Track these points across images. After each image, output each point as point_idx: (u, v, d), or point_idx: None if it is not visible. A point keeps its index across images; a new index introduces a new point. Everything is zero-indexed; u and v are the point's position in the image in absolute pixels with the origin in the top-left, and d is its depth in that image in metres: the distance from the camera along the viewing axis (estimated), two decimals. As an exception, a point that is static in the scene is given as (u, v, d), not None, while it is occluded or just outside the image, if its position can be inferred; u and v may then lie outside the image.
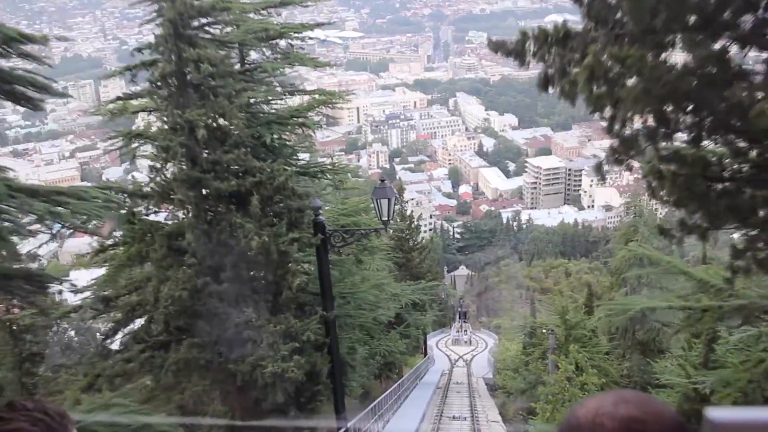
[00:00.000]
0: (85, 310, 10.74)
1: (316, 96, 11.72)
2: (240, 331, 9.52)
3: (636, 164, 4.89)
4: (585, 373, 12.75)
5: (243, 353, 9.55)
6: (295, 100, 12.41)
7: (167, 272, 9.75)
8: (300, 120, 11.17)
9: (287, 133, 11.27)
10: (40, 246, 7.25)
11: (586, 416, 0.99)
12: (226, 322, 9.52)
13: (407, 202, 36.33)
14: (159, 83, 9.77)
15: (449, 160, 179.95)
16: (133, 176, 18.85)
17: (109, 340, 10.96)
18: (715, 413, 0.82)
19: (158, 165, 9.86)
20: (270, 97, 11.31)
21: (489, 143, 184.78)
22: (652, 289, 15.11)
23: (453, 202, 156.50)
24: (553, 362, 13.49)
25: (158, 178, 9.92)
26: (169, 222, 10.43)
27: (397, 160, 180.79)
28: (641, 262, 15.01)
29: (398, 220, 30.76)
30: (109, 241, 10.65)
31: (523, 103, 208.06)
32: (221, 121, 9.63)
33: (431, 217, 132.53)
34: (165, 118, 9.75)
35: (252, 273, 10.08)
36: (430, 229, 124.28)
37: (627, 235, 15.92)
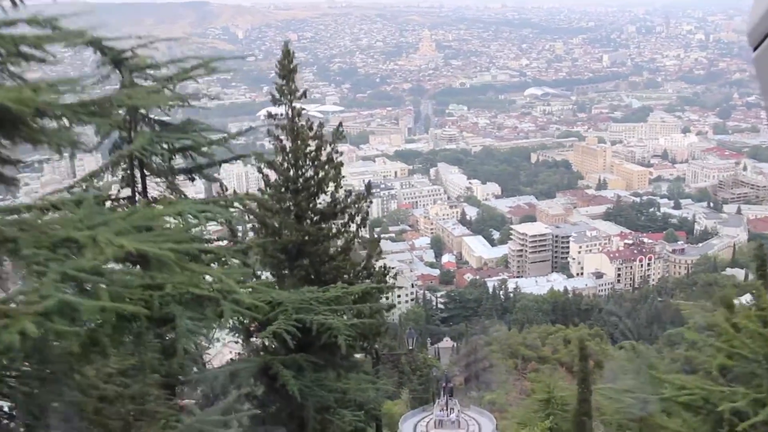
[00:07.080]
0: None
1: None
2: None
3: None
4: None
5: None
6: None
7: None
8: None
9: None
10: None
11: None
12: None
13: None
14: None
15: (431, 229, 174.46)
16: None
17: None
18: None
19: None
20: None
21: (472, 212, 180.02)
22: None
23: (436, 272, 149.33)
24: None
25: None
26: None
27: (377, 229, 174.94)
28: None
29: (285, 139, 12.93)
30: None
31: (506, 172, 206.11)
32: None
33: (413, 287, 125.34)
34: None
35: None
36: (413, 299, 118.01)
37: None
